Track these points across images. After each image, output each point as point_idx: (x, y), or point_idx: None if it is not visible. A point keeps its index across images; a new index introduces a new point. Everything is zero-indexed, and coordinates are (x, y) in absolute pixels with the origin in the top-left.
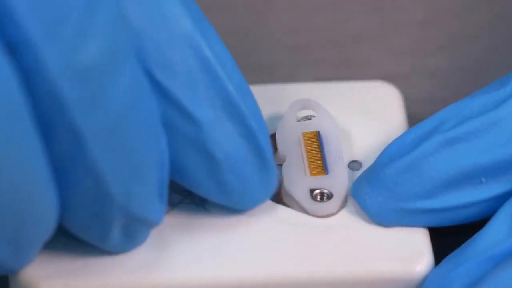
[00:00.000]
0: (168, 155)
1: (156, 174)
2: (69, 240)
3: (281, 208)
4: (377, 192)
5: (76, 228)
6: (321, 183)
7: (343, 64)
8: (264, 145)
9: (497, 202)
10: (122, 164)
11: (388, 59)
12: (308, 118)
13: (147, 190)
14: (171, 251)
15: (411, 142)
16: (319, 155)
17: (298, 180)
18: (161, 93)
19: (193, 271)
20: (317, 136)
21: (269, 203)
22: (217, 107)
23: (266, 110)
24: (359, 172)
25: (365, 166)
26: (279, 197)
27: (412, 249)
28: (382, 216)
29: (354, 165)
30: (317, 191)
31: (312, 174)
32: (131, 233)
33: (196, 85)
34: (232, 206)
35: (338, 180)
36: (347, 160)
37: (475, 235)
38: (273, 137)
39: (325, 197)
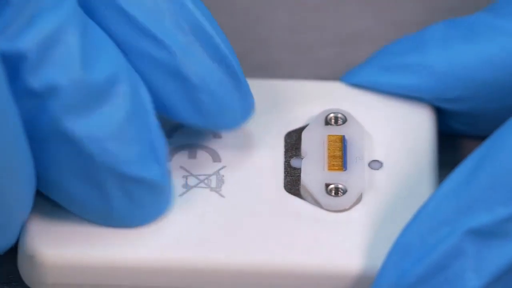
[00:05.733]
0: (155, 119)
1: (134, 133)
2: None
3: (295, 200)
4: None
5: (77, 206)
6: (338, 178)
7: (343, 64)
8: (236, 66)
9: None
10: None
11: None
12: (337, 122)
13: (129, 149)
14: (181, 231)
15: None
16: (340, 154)
17: (315, 174)
18: (129, 22)
19: (200, 253)
20: (342, 139)
21: (285, 194)
22: (187, 33)
23: (301, 105)
24: (379, 172)
25: (386, 166)
26: (297, 190)
27: None
28: None
29: (374, 164)
30: (332, 185)
31: (330, 169)
32: (135, 197)
33: (163, 13)
34: (210, 128)
35: (355, 177)
36: (368, 159)
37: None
38: (300, 132)
39: (340, 192)
